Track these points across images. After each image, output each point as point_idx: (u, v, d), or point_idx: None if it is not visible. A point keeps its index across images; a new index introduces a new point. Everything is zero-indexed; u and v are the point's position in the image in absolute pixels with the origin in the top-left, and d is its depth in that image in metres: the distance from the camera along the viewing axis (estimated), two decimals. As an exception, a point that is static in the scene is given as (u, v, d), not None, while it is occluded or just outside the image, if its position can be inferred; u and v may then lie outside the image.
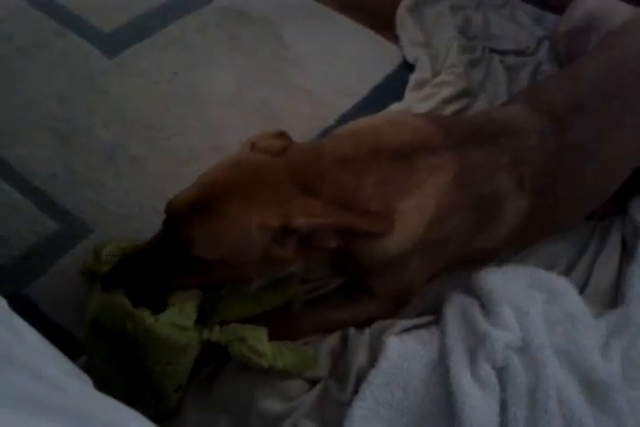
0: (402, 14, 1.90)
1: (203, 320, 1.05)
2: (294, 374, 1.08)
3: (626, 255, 1.33)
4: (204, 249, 0.96)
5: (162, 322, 0.98)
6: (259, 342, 1.02)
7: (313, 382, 1.09)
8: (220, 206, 0.95)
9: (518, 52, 1.83)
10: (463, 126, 1.15)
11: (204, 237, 0.95)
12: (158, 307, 1.01)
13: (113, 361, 1.03)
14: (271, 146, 1.03)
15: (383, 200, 1.03)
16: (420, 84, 1.70)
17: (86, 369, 0.98)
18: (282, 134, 1.08)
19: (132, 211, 1.39)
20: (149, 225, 1.31)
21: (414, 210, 1.06)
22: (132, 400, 1.00)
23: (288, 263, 1.06)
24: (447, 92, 1.64)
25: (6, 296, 0.79)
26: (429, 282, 1.26)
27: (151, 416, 0.89)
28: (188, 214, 0.96)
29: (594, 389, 1.05)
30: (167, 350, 0.99)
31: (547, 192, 1.14)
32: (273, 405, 1.03)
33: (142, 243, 1.04)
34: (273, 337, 1.06)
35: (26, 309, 1.15)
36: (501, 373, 1.05)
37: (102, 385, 0.93)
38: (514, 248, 1.32)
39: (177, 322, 0.99)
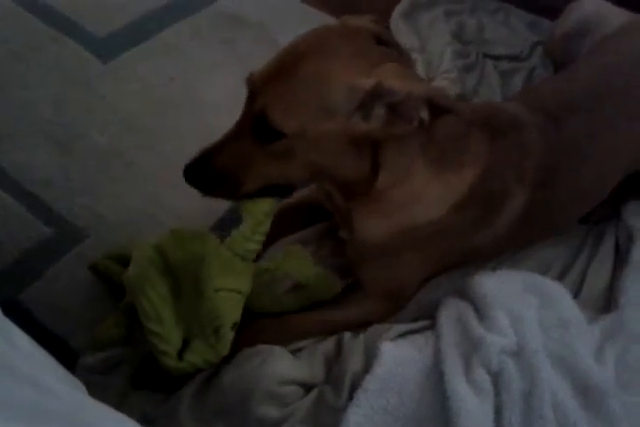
0: (396, 19, 1.90)
1: None
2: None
3: (619, 260, 1.34)
4: (282, 117, 0.88)
5: (227, 245, 1.00)
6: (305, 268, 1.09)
7: (308, 388, 1.09)
8: (301, 65, 0.87)
9: (512, 58, 1.84)
10: (482, 114, 1.13)
11: (281, 101, 0.88)
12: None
13: (169, 297, 1.01)
14: (360, 24, 0.98)
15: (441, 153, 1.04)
16: (415, 89, 1.70)
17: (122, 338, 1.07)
18: (379, 21, 1.04)
19: (128, 216, 1.39)
20: (145, 231, 1.32)
21: (453, 184, 1.07)
22: (181, 350, 1.00)
23: (374, 140, 0.95)
24: (441, 97, 1.64)
25: (0, 301, 0.79)
26: (424, 286, 1.26)
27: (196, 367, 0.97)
28: (265, 83, 0.89)
29: (588, 394, 1.05)
30: (230, 273, 1.00)
31: (543, 190, 1.15)
32: (269, 411, 1.02)
33: (227, 131, 0.98)
34: (267, 338, 1.07)
35: (19, 314, 1.16)
36: (496, 377, 1.04)
37: (155, 320, 0.98)
38: (508, 249, 1.32)
39: (239, 252, 1.01)
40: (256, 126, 0.91)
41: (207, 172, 0.98)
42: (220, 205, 1.42)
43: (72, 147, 1.50)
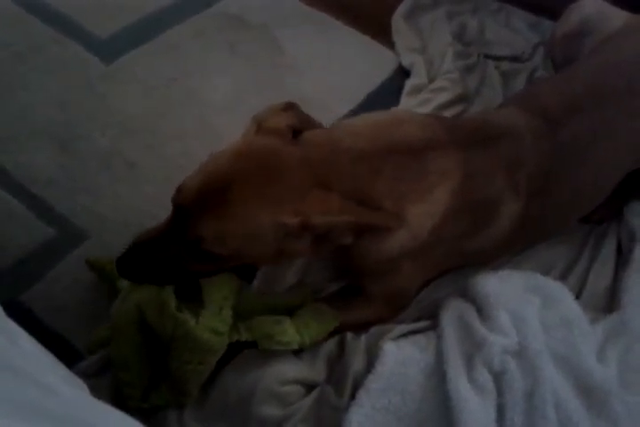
0: (398, 20, 1.90)
1: None
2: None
3: (622, 260, 1.34)
4: (216, 247, 0.93)
5: (202, 325, 1.00)
6: (284, 335, 1.05)
7: (310, 388, 1.09)
8: (231, 203, 0.92)
9: (514, 58, 1.84)
10: (464, 127, 1.14)
11: (214, 235, 0.92)
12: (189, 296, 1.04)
13: (140, 349, 1.05)
14: (278, 127, 1.00)
15: (397, 200, 1.03)
16: (416, 90, 1.70)
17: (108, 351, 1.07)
18: (289, 107, 1.06)
19: (130, 217, 1.39)
20: (146, 231, 1.32)
21: (424, 215, 1.06)
22: (148, 388, 1.05)
23: (301, 256, 1.05)
24: (443, 97, 1.65)
25: (2, 302, 0.79)
26: (425, 287, 1.26)
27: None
28: (196, 209, 0.92)
29: (591, 394, 1.05)
30: (203, 351, 1.01)
31: (540, 195, 1.15)
32: (271, 410, 1.03)
33: (153, 228, 1.01)
34: None
35: (21, 314, 1.16)
36: (498, 377, 1.05)
37: (123, 369, 1.03)
38: (507, 252, 1.32)
39: (215, 328, 1.01)
40: (190, 244, 0.94)
41: (140, 265, 0.99)
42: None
43: (74, 148, 1.51)
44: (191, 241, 0.93)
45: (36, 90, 1.62)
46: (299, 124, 1.03)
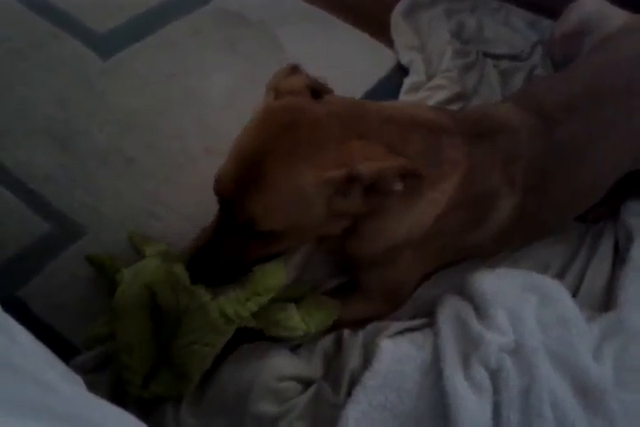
0: (396, 18, 1.90)
1: None
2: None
3: (618, 259, 1.34)
4: (269, 223, 0.92)
5: (215, 304, 1.01)
6: (290, 320, 1.05)
7: (307, 384, 1.09)
8: (269, 173, 0.88)
9: (512, 57, 1.84)
10: (466, 119, 1.14)
11: (263, 211, 0.90)
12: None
13: (146, 333, 1.05)
14: (295, 87, 0.97)
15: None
16: (415, 88, 1.70)
17: (111, 335, 1.07)
18: (295, 68, 1.03)
19: (127, 213, 1.39)
20: (144, 228, 1.32)
21: (433, 202, 1.07)
22: (149, 376, 1.04)
23: (355, 214, 1.01)
24: (441, 95, 1.65)
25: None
26: (422, 284, 1.27)
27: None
28: (239, 194, 0.90)
29: (587, 392, 1.05)
30: (210, 331, 1.01)
31: (537, 192, 1.15)
32: (267, 407, 1.03)
33: (206, 227, 1.00)
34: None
35: (18, 310, 1.16)
36: (495, 375, 1.05)
37: (127, 351, 1.02)
38: (503, 248, 1.33)
39: (226, 312, 1.01)
40: (243, 230, 0.94)
41: (208, 266, 0.99)
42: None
43: (72, 144, 1.50)
44: (244, 226, 0.92)
45: (34, 85, 1.61)
46: (313, 84, 1.01)
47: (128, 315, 1.05)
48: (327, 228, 1.01)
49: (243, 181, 0.90)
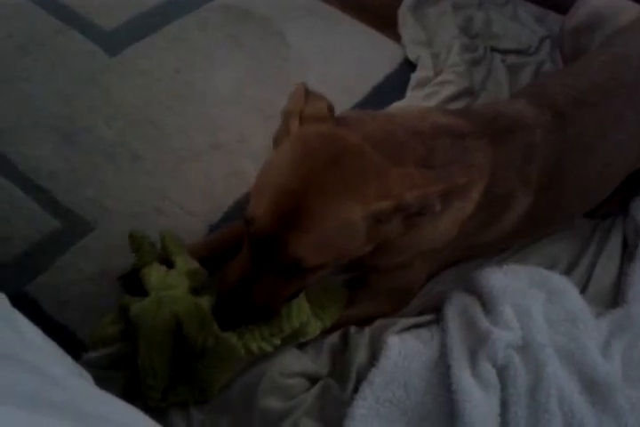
0: (404, 13, 1.90)
1: None
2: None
3: (627, 255, 1.34)
4: (318, 260, 0.89)
5: (242, 342, 1.01)
6: (308, 327, 1.05)
7: (314, 381, 1.09)
8: (315, 211, 0.84)
9: (520, 52, 1.84)
10: (482, 120, 1.11)
11: (313, 250, 0.87)
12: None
13: (167, 355, 1.04)
14: (320, 113, 0.94)
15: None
16: (422, 83, 1.70)
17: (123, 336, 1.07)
18: (307, 89, 0.97)
19: (133, 209, 1.39)
20: (150, 223, 1.33)
21: (461, 211, 1.06)
22: (166, 389, 1.04)
23: (392, 237, 0.98)
24: (449, 91, 1.64)
25: (8, 293, 0.79)
26: (429, 281, 1.27)
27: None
28: (281, 232, 0.85)
29: (594, 388, 1.05)
30: (235, 363, 1.03)
31: (548, 189, 1.14)
32: (274, 403, 1.03)
33: (233, 269, 0.95)
34: None
35: (27, 306, 1.16)
36: (502, 372, 1.05)
37: (152, 375, 1.02)
38: (515, 242, 1.32)
39: (253, 350, 1.01)
40: (285, 269, 0.90)
41: (240, 311, 0.97)
42: (226, 200, 1.42)
43: (78, 140, 1.50)
44: (289, 265, 0.89)
45: (39, 82, 1.62)
46: (330, 106, 0.98)
47: (153, 341, 1.03)
48: (361, 251, 0.98)
49: (285, 220, 0.85)
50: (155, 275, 1.11)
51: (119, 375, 1.07)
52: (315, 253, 0.87)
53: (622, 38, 1.34)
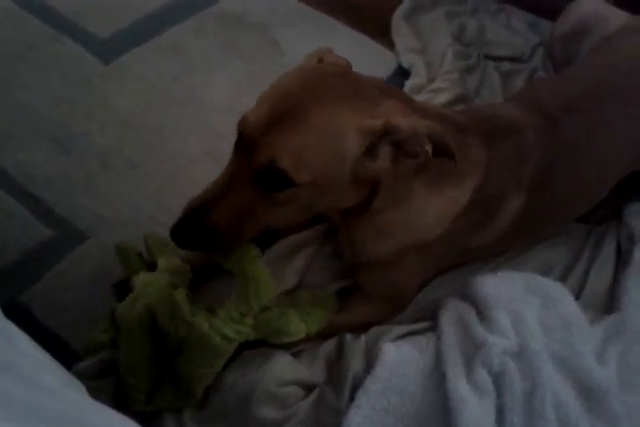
0: (397, 21, 1.91)
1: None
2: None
3: (621, 261, 1.34)
4: (294, 168, 0.84)
5: (214, 330, 1.00)
6: (290, 325, 1.03)
7: (309, 389, 1.08)
8: (306, 112, 0.83)
9: (513, 59, 1.85)
10: (478, 118, 1.12)
11: (293, 154, 0.84)
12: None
13: (146, 352, 1.05)
14: (339, 60, 0.97)
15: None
16: (416, 90, 1.70)
17: (112, 343, 1.08)
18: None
19: (129, 217, 1.39)
20: (145, 231, 1.32)
21: (453, 201, 1.07)
22: (151, 392, 1.04)
23: (379, 179, 0.96)
24: (443, 98, 1.65)
25: (1, 302, 0.79)
26: (424, 288, 1.26)
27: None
28: (267, 131, 0.84)
29: (590, 394, 1.05)
30: (214, 355, 1.02)
31: (540, 192, 1.15)
32: (269, 412, 1.02)
33: (204, 190, 0.92)
34: None
35: (20, 315, 1.16)
36: (498, 378, 1.05)
37: (132, 374, 1.02)
38: (505, 250, 1.33)
39: (226, 334, 1.00)
40: (261, 177, 0.88)
41: (201, 229, 0.92)
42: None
43: (73, 147, 1.50)
44: (264, 168, 0.85)
45: (34, 89, 1.62)
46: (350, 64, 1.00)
47: (130, 336, 1.04)
48: (345, 195, 0.96)
49: (276, 119, 0.84)
50: (139, 279, 1.12)
51: (110, 384, 1.07)
52: (294, 159, 0.84)
53: (611, 45, 1.35)
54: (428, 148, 0.89)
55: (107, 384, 1.07)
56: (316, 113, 0.84)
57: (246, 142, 0.88)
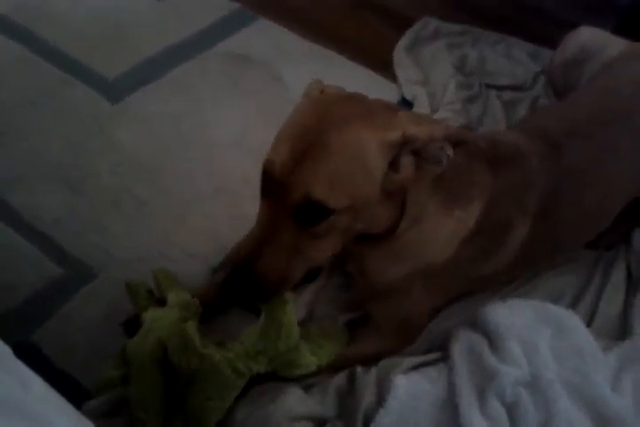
0: (399, 53, 1.94)
1: None
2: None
3: (632, 286, 1.33)
4: (330, 195, 0.85)
5: (226, 361, 1.00)
6: (302, 358, 1.03)
7: (321, 424, 1.07)
8: (326, 139, 0.85)
9: (515, 88, 1.86)
10: (483, 146, 1.13)
11: (325, 181, 0.85)
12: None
13: (158, 386, 1.05)
14: (340, 90, 1.00)
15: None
16: (420, 122, 1.72)
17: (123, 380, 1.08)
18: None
19: (139, 255, 1.40)
20: (155, 268, 1.33)
21: (462, 223, 1.08)
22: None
23: (404, 189, 0.97)
24: (446, 128, 1.66)
25: (12, 342, 0.79)
26: (434, 318, 1.26)
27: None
28: (294, 168, 0.85)
29: (606, 423, 1.03)
30: (224, 386, 1.01)
31: (545, 218, 1.15)
32: (281, 447, 1.01)
33: (251, 230, 0.91)
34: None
35: (31, 354, 1.16)
36: (511, 409, 1.03)
37: (143, 409, 1.02)
38: (511, 278, 1.32)
39: (237, 367, 1.00)
40: (299, 214, 0.88)
41: (251, 282, 0.90)
42: (230, 243, 1.42)
43: (83, 187, 1.53)
44: (301, 204, 0.86)
45: (43, 130, 1.65)
46: None
47: (141, 370, 1.04)
48: (379, 215, 0.97)
49: (300, 155, 0.85)
50: (149, 314, 1.12)
51: (121, 423, 1.06)
52: (327, 187, 0.85)
53: (612, 71, 1.37)
54: (449, 150, 0.91)
55: (118, 423, 1.07)
56: (335, 137, 0.85)
57: (276, 184, 0.87)
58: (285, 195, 0.87)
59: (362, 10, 2.14)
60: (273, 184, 0.88)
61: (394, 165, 0.91)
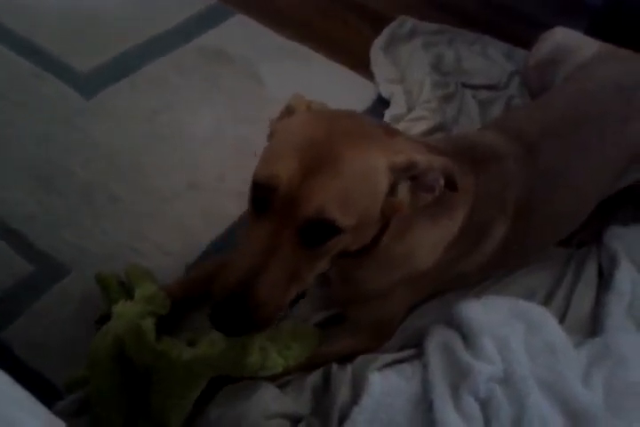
0: (376, 52, 1.95)
1: None
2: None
3: (603, 284, 1.35)
4: (343, 215, 0.81)
5: (182, 363, 0.99)
6: (267, 360, 1.02)
7: (296, 421, 1.07)
8: (339, 157, 0.82)
9: (490, 87, 1.88)
10: (461, 148, 1.14)
11: (338, 200, 0.81)
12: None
13: (118, 383, 1.03)
14: (324, 106, 0.99)
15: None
16: (396, 120, 1.73)
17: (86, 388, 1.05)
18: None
19: (111, 251, 1.38)
20: (129, 264, 1.31)
21: (447, 230, 1.09)
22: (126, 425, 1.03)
23: (398, 213, 0.95)
24: (422, 126, 1.67)
25: (-19, 342, 0.78)
26: (409, 315, 1.26)
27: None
28: (304, 183, 0.80)
29: (577, 418, 1.05)
30: (183, 387, 1.00)
31: (521, 217, 1.16)
32: (256, 445, 1.01)
33: (246, 249, 0.84)
34: None
35: (1, 354, 1.14)
36: (485, 405, 1.04)
37: (100, 403, 1.01)
38: (487, 276, 1.33)
39: (195, 369, 0.99)
40: (306, 231, 0.82)
41: (244, 313, 0.83)
42: (204, 240, 1.42)
43: (55, 183, 1.50)
44: (310, 221, 0.81)
45: (15, 125, 1.62)
46: None
47: (99, 366, 1.03)
48: (369, 233, 0.95)
49: (311, 170, 0.81)
50: (115, 311, 1.11)
51: (87, 423, 1.05)
52: (338, 203, 0.81)
53: (585, 72, 1.39)
54: (442, 182, 0.92)
55: (86, 423, 1.05)
56: (349, 156, 0.82)
57: (281, 200, 0.82)
58: (292, 211, 0.81)
59: (340, 8, 2.14)
60: (276, 200, 0.82)
61: (392, 188, 0.90)
